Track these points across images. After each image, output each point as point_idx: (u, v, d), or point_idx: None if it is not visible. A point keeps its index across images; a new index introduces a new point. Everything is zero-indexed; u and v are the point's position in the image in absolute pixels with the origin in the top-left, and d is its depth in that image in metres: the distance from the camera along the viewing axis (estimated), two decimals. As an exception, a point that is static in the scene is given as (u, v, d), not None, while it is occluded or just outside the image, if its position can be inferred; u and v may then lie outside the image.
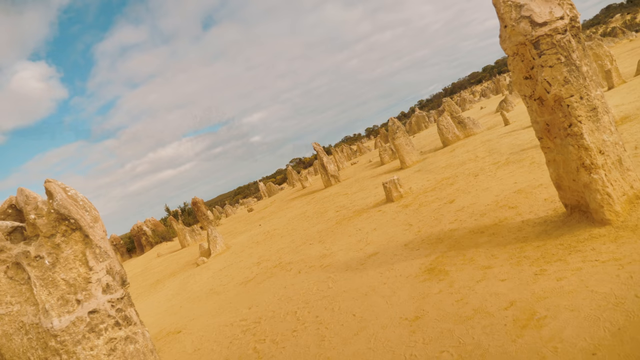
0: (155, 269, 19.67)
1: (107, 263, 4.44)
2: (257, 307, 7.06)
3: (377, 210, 10.13)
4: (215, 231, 15.74)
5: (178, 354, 6.59)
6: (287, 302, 6.57)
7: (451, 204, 7.82)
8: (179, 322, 8.24)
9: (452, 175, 10.38)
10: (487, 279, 4.46)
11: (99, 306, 4.23)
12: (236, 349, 5.75)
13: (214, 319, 7.52)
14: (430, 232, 6.77)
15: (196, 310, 8.59)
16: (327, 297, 6.00)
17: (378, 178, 16.87)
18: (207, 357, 5.95)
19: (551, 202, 5.88)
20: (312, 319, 5.48)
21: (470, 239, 5.78)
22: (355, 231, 9.13)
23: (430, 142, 22.90)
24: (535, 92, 4.82)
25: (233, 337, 6.21)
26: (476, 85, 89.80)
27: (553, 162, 5.10)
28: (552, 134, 4.92)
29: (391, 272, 5.78)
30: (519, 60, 4.86)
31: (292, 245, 10.79)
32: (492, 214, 6.36)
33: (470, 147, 14.02)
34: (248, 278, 9.34)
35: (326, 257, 8.10)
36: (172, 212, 38.12)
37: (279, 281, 7.96)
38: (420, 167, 14.46)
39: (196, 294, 10.13)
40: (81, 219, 4.39)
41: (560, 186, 5.15)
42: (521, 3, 4.62)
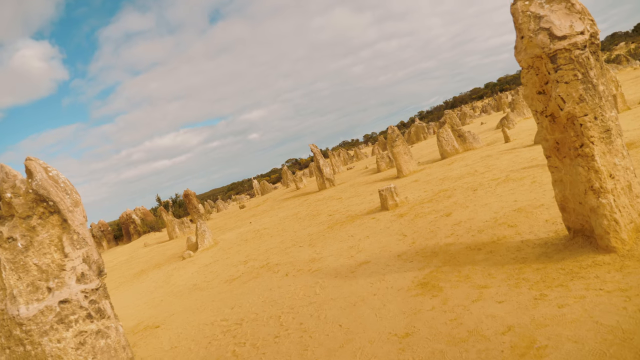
0: (140, 259, 19.34)
1: (85, 251, 4.18)
2: (240, 307, 6.81)
3: (371, 218, 9.91)
4: (204, 225, 15.46)
5: (154, 349, 6.33)
6: (272, 306, 6.32)
7: (448, 217, 7.61)
8: (159, 317, 7.97)
9: (450, 188, 10.18)
10: (483, 299, 4.24)
11: (71, 296, 3.97)
12: (214, 350, 5.50)
13: (194, 316, 7.26)
14: (425, 244, 6.56)
15: (177, 306, 8.32)
16: (313, 303, 5.76)
17: (374, 185, 16.67)
18: (184, 356, 5.70)
19: (552, 224, 5.68)
20: (296, 325, 5.24)
21: (467, 255, 5.57)
22: (347, 237, 8.90)
23: (428, 153, 22.75)
24: (548, 108, 4.62)
25: (212, 337, 5.96)
26: (477, 101, 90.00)
27: (560, 182, 4.90)
28: (561, 153, 4.72)
29: (382, 283, 5.55)
30: (534, 74, 4.66)
31: (282, 246, 10.54)
32: (490, 231, 6.15)
33: (469, 162, 13.84)
34: (233, 276, 9.08)
35: (315, 262, 7.87)
36: (163, 203, 37.73)
37: (264, 282, 7.71)
38: (418, 178, 14.26)
39: (179, 288, 9.86)
40: (61, 202, 4.13)
41: (565, 208, 4.95)
42: (541, 14, 4.42)
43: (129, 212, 33.95)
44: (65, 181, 4.27)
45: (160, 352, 6.15)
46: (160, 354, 6.08)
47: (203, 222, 15.62)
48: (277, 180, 62.05)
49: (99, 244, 34.36)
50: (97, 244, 34.24)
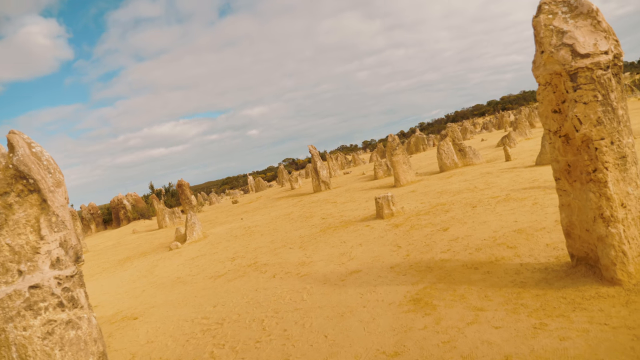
0: (127, 245, 19.04)
1: (63, 235, 3.93)
2: (222, 306, 6.56)
3: (365, 225, 9.68)
4: (194, 217, 15.19)
5: (129, 342, 6.07)
6: (256, 308, 6.08)
7: (445, 231, 7.40)
8: (138, 308, 7.70)
9: (448, 202, 9.97)
10: (479, 322, 4.02)
11: (43, 282, 3.71)
12: (192, 350, 5.25)
13: (175, 310, 7.01)
14: (419, 258, 6.34)
15: (158, 298, 8.06)
16: (299, 309, 5.52)
17: (369, 192, 16.46)
18: (159, 353, 5.44)
19: (554, 249, 5.47)
20: (280, 332, 5.00)
21: (463, 273, 5.35)
22: (339, 243, 8.66)
23: (427, 165, 22.58)
24: (563, 128, 4.42)
25: (191, 336, 5.71)
26: (479, 118, 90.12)
27: (567, 207, 4.69)
28: (572, 176, 4.52)
29: (373, 295, 5.32)
30: (551, 91, 4.46)
31: (271, 246, 10.30)
32: (489, 250, 5.94)
33: (469, 177, 13.66)
34: (219, 273, 8.83)
35: (305, 266, 7.63)
36: (156, 191, 37.37)
37: (250, 282, 7.47)
38: (415, 189, 14.06)
39: (162, 279, 9.59)
40: (42, 181, 3.88)
41: (570, 234, 4.75)
42: (564, 29, 4.22)
43: (120, 197, 33.59)
44: (49, 159, 4.02)
45: (135, 346, 5.90)
46: (135, 348, 5.82)
47: (194, 214, 15.35)
48: (272, 178, 61.78)
49: (87, 227, 33.94)
50: (86, 226, 33.82)
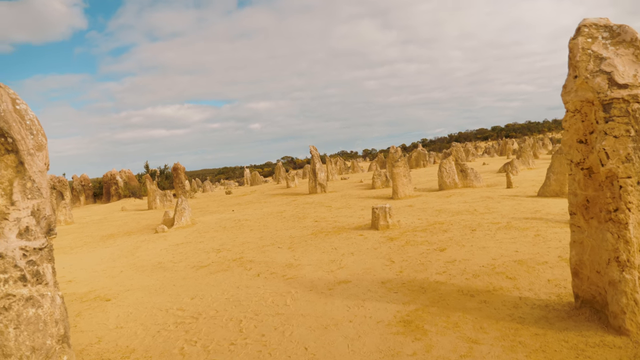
0: (114, 222, 18.66)
1: (37, 203, 3.59)
2: (200, 299, 6.23)
3: (359, 234, 9.37)
4: (185, 203, 14.84)
5: (97, 325, 5.73)
6: (235, 306, 5.75)
7: (441, 252, 7.10)
8: (113, 289, 7.36)
9: (447, 222, 9.68)
10: (473, 356, 3.72)
11: (7, 251, 3.36)
12: (161, 342, 4.92)
13: (150, 297, 6.67)
14: (413, 276, 6.03)
15: (135, 281, 7.72)
16: (280, 315, 5.20)
17: (366, 200, 16.16)
18: (127, 341, 5.11)
19: (555, 286, 5.18)
20: (257, 336, 4.68)
21: (458, 299, 5.05)
22: (330, 249, 8.35)
23: (426, 181, 22.31)
24: (587, 160, 4.13)
25: (163, 327, 5.38)
26: (481, 141, 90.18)
27: (579, 244, 4.40)
28: (589, 212, 4.23)
29: (360, 310, 5.01)
30: (579, 120, 4.17)
31: (260, 242, 9.98)
32: (486, 278, 5.64)
33: (468, 199, 13.38)
34: (202, 263, 8.49)
35: (292, 268, 7.31)
36: (150, 171, 36.97)
37: (233, 278, 7.14)
38: (413, 203, 13.77)
39: (143, 262, 9.25)
40: (21, 141, 3.55)
41: (578, 273, 4.45)
42: (603, 55, 3.94)
43: (114, 172, 33.15)
44: (33, 119, 3.69)
45: (103, 329, 5.56)
46: (103, 332, 5.48)
47: (185, 199, 15.00)
48: (269, 174, 61.43)
49: (76, 198, 33.46)
50: (75, 197, 33.33)
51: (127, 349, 4.91)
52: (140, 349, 4.86)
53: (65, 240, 14.34)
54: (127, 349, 4.89)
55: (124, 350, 4.87)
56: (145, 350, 4.81)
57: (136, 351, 4.82)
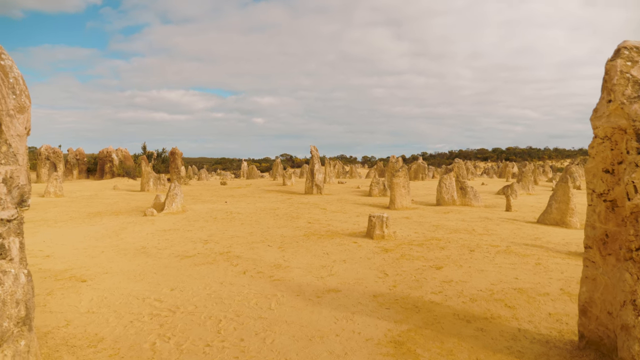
0: (104, 200, 18.29)
1: (10, 169, 3.25)
2: (180, 292, 5.90)
3: (353, 241, 9.05)
4: (178, 188, 14.49)
5: (68, 307, 5.38)
6: (216, 303, 5.42)
7: (438, 270, 6.78)
8: (91, 270, 7.01)
9: (444, 239, 9.37)
10: (467, 390, 3.40)
11: (-30, 220, 3.04)
12: (133, 334, 4.59)
13: (128, 283, 6.33)
14: (407, 293, 5.71)
15: (115, 264, 7.37)
16: (263, 319, 4.87)
17: (362, 207, 15.86)
18: (96, 328, 4.77)
19: (557, 321, 4.88)
20: (236, 340, 4.35)
21: (453, 324, 4.73)
22: (321, 253, 8.03)
23: (423, 195, 22.04)
24: (612, 192, 3.83)
25: (137, 317, 5.04)
26: (481, 161, 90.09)
27: (592, 281, 4.09)
28: (607, 248, 3.92)
29: (349, 324, 4.69)
30: (608, 147, 3.87)
31: (250, 238, 9.64)
32: (484, 304, 5.33)
33: (467, 217, 13.09)
34: (187, 253, 8.15)
35: (280, 269, 6.98)
36: (147, 153, 36.56)
37: (218, 273, 6.81)
38: (409, 215, 13.47)
39: (126, 245, 8.90)
40: (1, 100, 3.23)
41: (586, 312, 4.15)
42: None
43: (110, 149, 32.72)
44: (17, 77, 3.35)
45: (73, 313, 5.21)
46: (73, 315, 5.14)
47: (178, 185, 14.64)
48: (266, 169, 61.06)
49: (69, 172, 32.99)
50: (68, 171, 32.87)
51: (95, 337, 4.58)
52: (109, 338, 4.52)
53: (52, 213, 13.96)
54: (96, 338, 4.56)
55: (92, 339, 4.53)
56: (114, 340, 4.47)
57: (104, 341, 4.48)
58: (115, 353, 4.21)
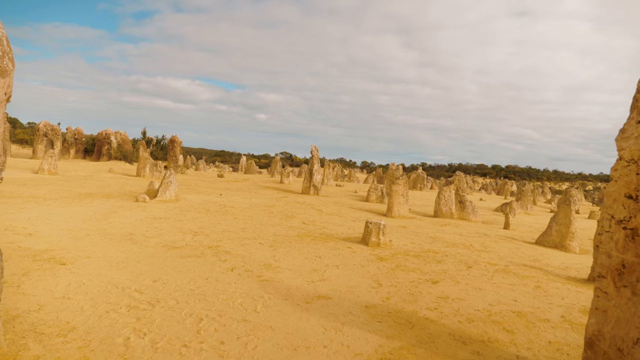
0: (97, 182, 17.95)
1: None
2: (163, 284, 5.60)
3: (347, 246, 8.76)
4: (173, 176, 14.17)
5: (43, 290, 5.08)
6: (199, 300, 5.12)
7: (434, 285, 6.50)
8: (72, 253, 6.70)
9: (441, 252, 9.09)
10: (462, 422, 3.12)
11: None
12: (107, 326, 4.29)
13: (109, 270, 6.03)
14: (401, 306, 5.42)
15: (99, 249, 7.07)
16: (247, 322, 4.58)
17: (358, 212, 15.58)
18: (69, 315, 4.48)
19: (557, 350, 4.60)
20: (215, 342, 4.05)
21: (449, 344, 4.45)
22: (314, 256, 7.73)
23: (421, 205, 21.77)
24: (633, 220, 3.55)
25: (114, 308, 4.75)
26: (480, 177, 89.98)
27: (602, 313, 3.82)
28: (622, 280, 3.64)
29: (338, 335, 4.39)
30: (633, 171, 3.59)
31: (241, 234, 9.34)
32: (481, 325, 5.05)
33: (464, 232, 12.82)
34: (175, 244, 7.85)
35: (270, 269, 6.69)
36: (147, 138, 36.19)
37: (205, 267, 6.51)
38: (406, 224, 13.19)
39: (113, 230, 8.59)
40: (-21, 60, 2.93)
41: (593, 345, 3.87)
42: (679, 103, 3.37)
43: (109, 132, 32.35)
44: (1, 38, 3.06)
45: (47, 297, 4.91)
46: (46, 299, 4.84)
47: (174, 173, 14.33)
48: (265, 166, 60.74)
49: (66, 150, 32.58)
50: (65, 149, 32.46)
51: (67, 325, 4.28)
52: (81, 328, 4.23)
53: (42, 190, 13.63)
54: (67, 326, 4.26)
55: (63, 327, 4.23)
56: (86, 331, 4.17)
57: (76, 330, 4.18)
58: (86, 345, 3.91)
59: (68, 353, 3.76)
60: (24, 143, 39.90)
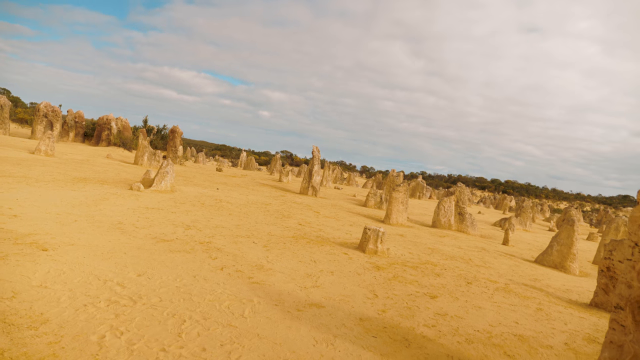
0: (93, 167, 17.62)
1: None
2: (148, 279, 5.30)
3: (343, 252, 8.46)
4: (170, 167, 13.86)
5: (19, 277, 4.79)
6: (184, 300, 4.82)
7: (432, 299, 6.20)
8: (56, 239, 6.40)
9: (440, 264, 8.79)
10: None
11: None
12: (83, 321, 4.00)
13: (93, 260, 5.73)
14: (397, 321, 5.12)
15: (85, 236, 6.77)
16: (233, 328, 4.28)
17: (355, 217, 15.28)
18: (43, 306, 4.19)
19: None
20: (197, 349, 3.75)
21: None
22: (309, 260, 7.43)
23: (418, 214, 21.49)
24: (660, 249, 3.27)
25: (92, 302, 4.45)
26: (478, 190, 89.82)
27: (617, 348, 3.53)
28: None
29: (329, 350, 4.09)
30: (663, 197, 3.31)
31: (235, 231, 9.04)
32: (481, 348, 4.75)
33: (463, 245, 12.53)
34: (165, 237, 7.55)
35: (262, 271, 6.39)
36: (147, 127, 35.85)
37: (194, 264, 6.21)
38: (404, 233, 12.90)
39: (102, 217, 8.28)
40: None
41: (604, 381, 3.57)
42: None
43: (110, 117, 32.00)
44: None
45: (23, 284, 4.62)
46: (22, 287, 4.55)
47: (171, 164, 14.02)
48: (264, 163, 60.44)
49: (66, 133, 32.22)
50: (65, 132, 32.10)
51: (40, 317, 3.99)
52: (54, 321, 3.93)
53: (36, 171, 13.31)
54: (40, 318, 3.97)
55: (36, 318, 3.94)
56: (60, 325, 3.88)
57: (48, 323, 3.89)
58: (57, 341, 3.62)
59: (36, 348, 3.47)
60: (23, 123, 39.53)
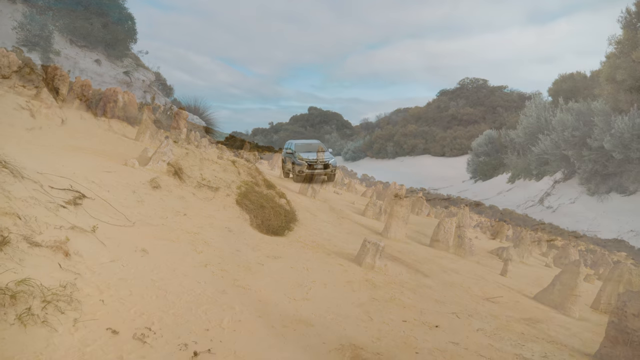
0: (92, 139, 16.92)
1: None
2: (122, 266, 4.72)
3: (339, 263, 7.89)
4: (170, 147, 13.23)
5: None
6: (157, 297, 4.25)
7: (431, 330, 5.63)
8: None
9: (440, 291, 8.22)
10: None
11: None
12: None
13: (65, 237, 5.14)
14: (393, 353, 4.54)
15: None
16: (207, 340, 3.70)
17: (353, 225, 14.73)
18: None
19: None
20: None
21: (446, 419, 3.59)
22: (301, 267, 6.86)
23: (416, 230, 20.87)
24: None
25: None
26: (476, 214, 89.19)
27: None
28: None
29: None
30: None
31: (226, 223, 8.46)
32: (485, 397, 4.18)
33: (461, 270, 11.96)
34: (150, 221, 6.97)
35: (249, 273, 5.82)
36: (154, 105, 35.32)
37: (176, 256, 5.63)
38: (402, 250, 12.33)
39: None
40: None
41: None
42: None
43: (117, 90, 31.26)
44: None
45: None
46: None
47: (171, 144, 13.40)
48: (267, 157, 59.88)
49: (70, 100, 31.69)
50: (69, 99, 31.57)
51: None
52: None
53: (29, 134, 12.71)
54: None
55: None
56: None
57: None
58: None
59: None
60: (30, 83, 38.98)
